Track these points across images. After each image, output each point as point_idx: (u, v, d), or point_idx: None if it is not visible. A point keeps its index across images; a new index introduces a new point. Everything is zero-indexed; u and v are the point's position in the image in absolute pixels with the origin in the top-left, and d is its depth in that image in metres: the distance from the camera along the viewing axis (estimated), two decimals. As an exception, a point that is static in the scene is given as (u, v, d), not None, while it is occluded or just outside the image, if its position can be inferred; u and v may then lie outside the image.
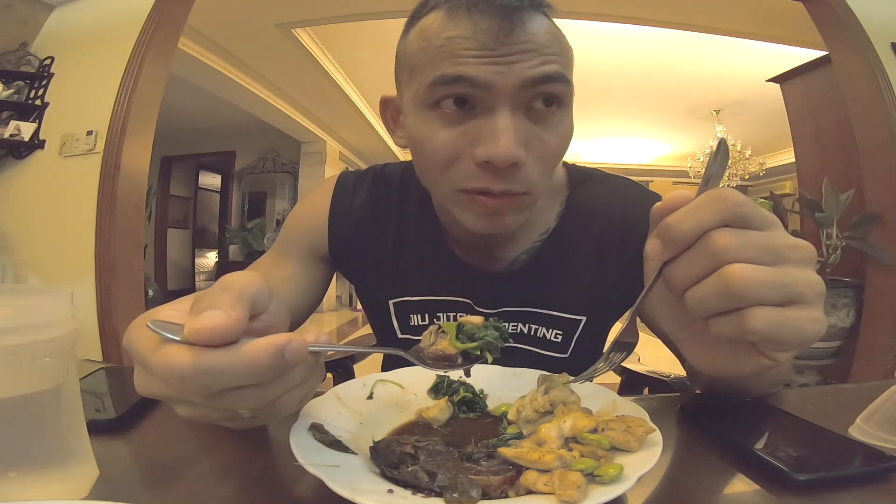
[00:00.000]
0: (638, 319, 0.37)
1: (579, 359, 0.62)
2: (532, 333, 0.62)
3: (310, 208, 0.67)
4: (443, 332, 0.38)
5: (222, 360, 0.24)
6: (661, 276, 0.31)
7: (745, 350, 0.31)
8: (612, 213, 0.61)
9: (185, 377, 0.24)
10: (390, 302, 0.65)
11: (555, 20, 0.50)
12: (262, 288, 0.28)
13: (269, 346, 0.24)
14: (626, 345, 0.37)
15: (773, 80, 2.94)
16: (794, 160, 2.92)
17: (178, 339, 0.24)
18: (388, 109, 0.57)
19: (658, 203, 0.31)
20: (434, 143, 0.48)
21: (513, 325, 0.61)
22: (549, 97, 0.47)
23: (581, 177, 0.65)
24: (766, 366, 0.30)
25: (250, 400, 0.25)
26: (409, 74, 0.50)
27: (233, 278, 0.27)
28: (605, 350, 0.40)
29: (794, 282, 0.27)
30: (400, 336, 0.65)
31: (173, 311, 0.27)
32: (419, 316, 0.64)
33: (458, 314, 0.63)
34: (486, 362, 0.38)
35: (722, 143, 0.31)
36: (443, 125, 0.48)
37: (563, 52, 0.49)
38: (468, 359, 0.37)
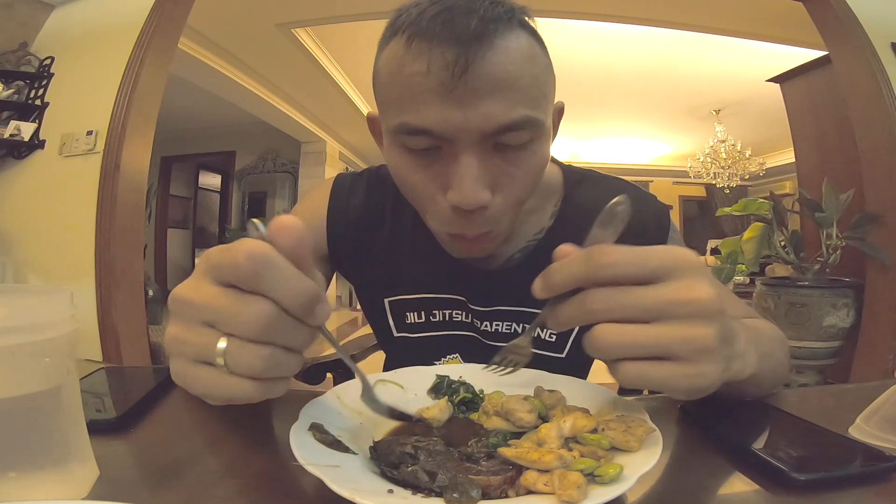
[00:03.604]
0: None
1: (576, 358, 0.62)
2: None
3: (308, 209, 0.68)
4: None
5: (282, 262, 0.26)
6: (546, 309, 0.33)
7: None
8: None
9: (253, 256, 0.26)
10: (386, 300, 0.65)
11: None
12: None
13: (314, 284, 0.27)
14: (518, 357, 0.41)
15: (773, 80, 2.94)
16: (794, 160, 2.91)
17: (264, 231, 0.27)
18: (375, 126, 0.57)
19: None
20: (409, 182, 0.50)
21: (507, 325, 0.61)
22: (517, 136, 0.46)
23: (576, 177, 0.65)
24: (678, 398, 0.32)
25: (266, 311, 0.26)
26: (380, 106, 0.51)
27: None
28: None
29: (661, 340, 0.29)
30: (396, 335, 0.66)
31: None
32: (415, 314, 0.64)
33: (454, 311, 0.63)
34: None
35: (619, 204, 0.33)
36: (414, 164, 0.49)
37: (534, 81, 0.46)
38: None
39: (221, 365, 0.27)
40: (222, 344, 0.27)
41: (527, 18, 0.48)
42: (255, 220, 0.28)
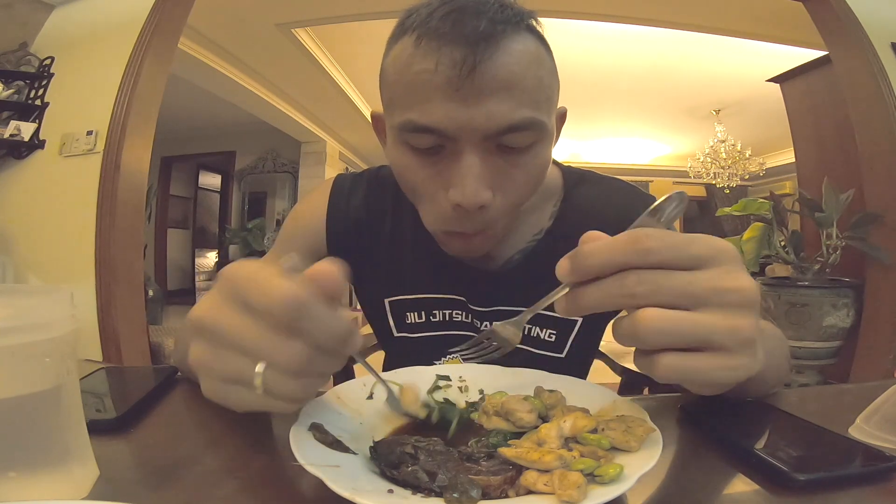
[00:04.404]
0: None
1: (575, 359, 0.62)
2: (526, 333, 0.62)
3: (307, 210, 0.68)
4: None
5: (317, 308, 0.27)
6: (563, 290, 0.31)
7: None
8: (605, 213, 0.62)
9: (288, 304, 0.26)
10: (386, 300, 0.66)
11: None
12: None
13: (347, 322, 0.28)
14: (502, 343, 0.41)
15: (773, 80, 2.94)
16: (794, 160, 2.91)
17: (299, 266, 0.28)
18: (379, 124, 0.58)
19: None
20: (411, 180, 0.51)
21: None
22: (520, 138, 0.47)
23: (576, 178, 0.66)
24: (702, 393, 0.31)
25: (303, 351, 0.27)
26: (386, 104, 0.51)
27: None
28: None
29: (707, 329, 0.27)
30: (396, 335, 0.66)
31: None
32: (415, 314, 0.65)
33: (454, 311, 0.64)
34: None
35: (676, 198, 0.32)
36: (417, 162, 0.49)
37: (539, 83, 0.47)
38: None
39: (258, 387, 0.27)
40: (259, 368, 0.27)
41: (534, 22, 0.48)
42: (293, 255, 0.29)
